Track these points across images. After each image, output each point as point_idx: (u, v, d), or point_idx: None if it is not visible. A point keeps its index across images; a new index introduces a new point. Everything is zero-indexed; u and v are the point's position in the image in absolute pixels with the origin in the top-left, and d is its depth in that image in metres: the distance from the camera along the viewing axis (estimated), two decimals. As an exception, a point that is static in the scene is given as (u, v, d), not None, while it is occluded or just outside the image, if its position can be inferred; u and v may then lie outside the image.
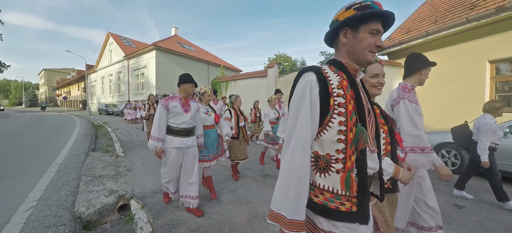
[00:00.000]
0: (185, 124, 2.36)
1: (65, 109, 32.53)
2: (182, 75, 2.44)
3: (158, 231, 2.13)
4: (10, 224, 2.19)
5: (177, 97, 2.40)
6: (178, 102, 2.35)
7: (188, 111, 2.38)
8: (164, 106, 2.28)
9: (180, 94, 2.43)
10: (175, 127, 2.34)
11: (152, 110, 5.92)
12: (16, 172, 3.74)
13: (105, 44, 24.77)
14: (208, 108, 2.93)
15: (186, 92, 2.42)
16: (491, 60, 5.68)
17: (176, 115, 2.33)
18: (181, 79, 2.42)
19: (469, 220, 2.40)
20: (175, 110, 2.31)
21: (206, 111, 2.86)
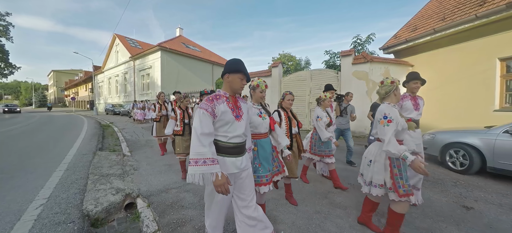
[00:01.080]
0: (239, 138, 1.59)
1: (73, 109, 33.23)
2: (230, 61, 1.61)
3: (164, 229, 2.16)
4: (21, 221, 2.26)
5: (222, 96, 1.58)
6: (225, 104, 1.54)
7: (241, 116, 1.60)
8: (209, 111, 1.46)
9: (225, 92, 1.62)
10: (225, 142, 1.54)
11: (163, 110, 5.32)
12: (27, 170, 3.85)
13: (111, 45, 25.19)
14: (260, 108, 2.12)
15: (233, 88, 1.59)
16: (502, 58, 5.53)
17: (226, 125, 1.53)
18: (228, 66, 1.59)
19: (478, 221, 2.35)
20: (225, 117, 1.51)
21: (260, 113, 2.03)
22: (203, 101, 1.53)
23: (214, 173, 1.37)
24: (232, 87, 1.59)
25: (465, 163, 3.88)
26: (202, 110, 1.46)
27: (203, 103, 1.50)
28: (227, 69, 1.58)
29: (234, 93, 1.64)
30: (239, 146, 1.60)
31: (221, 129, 1.54)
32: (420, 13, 8.81)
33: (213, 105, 1.50)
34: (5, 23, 21.58)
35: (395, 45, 8.10)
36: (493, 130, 3.73)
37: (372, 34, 12.03)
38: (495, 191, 3.16)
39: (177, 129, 3.50)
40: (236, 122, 1.55)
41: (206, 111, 1.46)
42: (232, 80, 1.57)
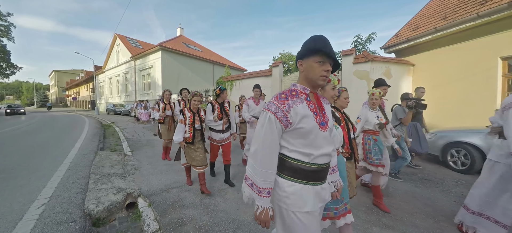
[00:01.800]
0: (326, 157, 1.10)
1: (74, 109, 33.34)
2: (311, 38, 1.09)
3: (165, 228, 2.16)
4: (23, 220, 2.28)
5: (299, 92, 1.10)
6: (305, 104, 1.07)
7: (326, 124, 1.10)
8: (279, 117, 1.03)
9: (304, 87, 1.11)
10: (307, 163, 1.06)
11: (168, 110, 4.73)
12: (29, 170, 3.87)
13: (112, 45, 25.25)
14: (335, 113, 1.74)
15: (311, 79, 1.08)
16: (504, 57, 5.50)
17: (307, 136, 1.04)
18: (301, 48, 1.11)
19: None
20: (306, 124, 1.03)
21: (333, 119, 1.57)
22: (272, 101, 1.06)
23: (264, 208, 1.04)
24: (309, 78, 1.07)
25: (466, 162, 3.87)
26: (269, 114, 1.02)
27: (272, 104, 1.04)
28: (300, 52, 1.09)
29: (315, 89, 1.11)
30: (325, 168, 1.11)
31: (299, 143, 1.04)
32: (421, 12, 8.78)
33: (286, 107, 1.01)
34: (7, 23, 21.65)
35: (396, 44, 8.07)
36: (495, 129, 3.71)
37: (373, 33, 12.00)
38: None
39: (185, 136, 2.95)
40: (320, 132, 1.06)
41: (274, 116, 1.01)
42: (308, 68, 1.06)
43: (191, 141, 2.95)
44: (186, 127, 2.96)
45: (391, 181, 3.51)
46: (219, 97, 3.27)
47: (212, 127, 3.23)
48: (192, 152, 2.98)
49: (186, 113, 2.98)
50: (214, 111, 3.22)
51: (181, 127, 2.95)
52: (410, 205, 2.69)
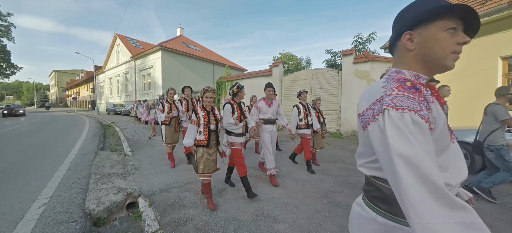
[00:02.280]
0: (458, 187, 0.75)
1: (74, 109, 33.36)
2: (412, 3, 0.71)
3: (165, 228, 2.17)
4: (24, 220, 2.28)
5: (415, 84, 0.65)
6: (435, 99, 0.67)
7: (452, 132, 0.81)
8: (426, 119, 0.58)
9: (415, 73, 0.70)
10: None
11: (173, 110, 4.31)
12: (29, 170, 3.88)
13: (112, 45, 25.27)
14: None
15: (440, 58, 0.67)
16: (504, 57, 5.51)
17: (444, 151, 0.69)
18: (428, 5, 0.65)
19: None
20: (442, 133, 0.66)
21: None
22: (400, 94, 0.61)
23: None
24: (429, 58, 0.68)
25: (466, 162, 3.87)
26: (414, 116, 0.57)
27: (405, 99, 0.60)
28: (410, 17, 0.69)
29: (432, 74, 0.74)
30: None
31: None
32: (421, 12, 8.78)
33: (426, 103, 0.62)
34: (7, 23, 21.67)
35: (396, 44, 8.07)
36: (495, 129, 3.71)
37: (373, 33, 12.03)
38: (496, 190, 3.15)
39: (199, 138, 2.57)
40: (451, 145, 0.75)
41: (421, 119, 0.57)
42: (429, 42, 0.66)
43: (207, 143, 2.56)
44: (200, 128, 2.57)
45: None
46: (236, 96, 2.95)
47: (231, 130, 2.84)
48: (209, 156, 2.59)
49: (199, 112, 2.60)
50: (234, 112, 2.85)
51: (193, 129, 2.56)
52: (410, 205, 2.69)
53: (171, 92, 4.40)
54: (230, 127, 2.80)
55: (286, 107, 9.23)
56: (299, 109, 3.91)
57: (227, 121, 2.78)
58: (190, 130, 2.56)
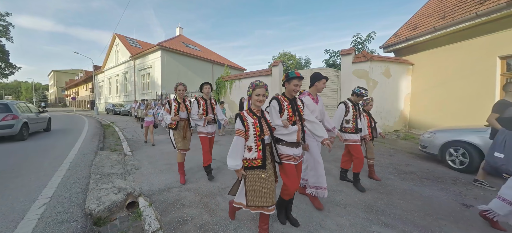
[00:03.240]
0: None
1: (74, 109, 33.28)
2: None
3: (166, 227, 2.18)
4: (25, 220, 2.29)
5: None
6: None
7: None
8: None
9: None
10: None
11: (182, 111, 3.48)
12: (29, 170, 3.88)
13: (111, 45, 25.20)
14: None
15: None
16: (502, 56, 5.54)
17: None
18: None
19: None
20: None
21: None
22: None
23: None
24: None
25: (465, 161, 3.90)
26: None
27: None
28: None
29: None
30: None
31: None
32: (420, 11, 8.80)
33: None
34: (5, 23, 21.58)
35: (396, 44, 8.10)
36: (493, 128, 3.74)
37: (372, 32, 12.04)
38: (495, 189, 3.18)
39: (250, 156, 1.82)
40: None
41: None
42: None
43: (262, 164, 1.81)
44: (251, 143, 1.80)
45: (390, 179, 3.53)
46: (287, 90, 2.12)
47: (281, 138, 2.01)
48: (263, 184, 1.81)
49: (247, 118, 1.84)
50: (283, 111, 2.05)
51: (239, 143, 1.80)
52: (409, 204, 2.71)
53: (181, 88, 3.44)
54: (279, 133, 2.00)
55: (286, 107, 9.25)
56: (347, 107, 3.16)
57: (275, 123, 2.00)
58: (236, 146, 1.79)
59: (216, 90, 12.69)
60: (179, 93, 3.46)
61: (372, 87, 7.37)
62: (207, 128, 3.48)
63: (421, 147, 4.72)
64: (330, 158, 4.77)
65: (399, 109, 7.84)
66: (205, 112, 3.43)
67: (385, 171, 3.96)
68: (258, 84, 1.87)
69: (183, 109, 3.49)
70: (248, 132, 1.81)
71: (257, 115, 1.89)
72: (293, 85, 2.06)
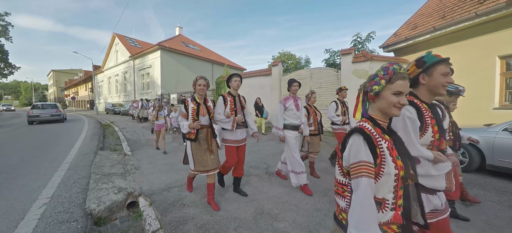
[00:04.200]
0: None
1: (73, 109, 33.25)
2: None
3: (166, 227, 2.18)
4: (25, 220, 2.29)
5: None
6: None
7: None
8: None
9: None
10: None
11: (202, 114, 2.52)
12: (29, 170, 3.88)
13: (111, 44, 25.15)
14: None
15: None
16: (502, 56, 5.54)
17: None
18: None
19: (477, 218, 2.37)
20: None
21: None
22: None
23: None
24: None
25: (464, 160, 3.90)
26: None
27: None
28: None
29: None
30: None
31: None
32: (420, 11, 8.81)
33: None
34: (4, 23, 21.49)
35: (395, 44, 8.10)
36: (493, 128, 3.75)
37: (372, 32, 12.04)
38: (494, 188, 3.19)
39: None
40: None
41: None
42: None
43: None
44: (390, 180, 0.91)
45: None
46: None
47: None
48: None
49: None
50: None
51: None
52: (408, 203, 2.71)
53: (201, 82, 2.47)
54: None
55: (286, 107, 9.26)
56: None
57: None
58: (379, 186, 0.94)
59: (216, 90, 12.68)
60: (200, 90, 2.48)
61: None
62: (236, 134, 2.71)
63: (421, 146, 4.73)
64: (330, 157, 4.77)
65: (399, 109, 7.85)
66: (233, 112, 2.69)
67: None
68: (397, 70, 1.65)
69: (204, 113, 2.49)
70: None
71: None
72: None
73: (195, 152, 2.51)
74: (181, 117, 2.53)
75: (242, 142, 2.82)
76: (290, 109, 3.09)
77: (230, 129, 2.64)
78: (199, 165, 2.48)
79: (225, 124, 2.64)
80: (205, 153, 2.49)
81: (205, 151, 2.50)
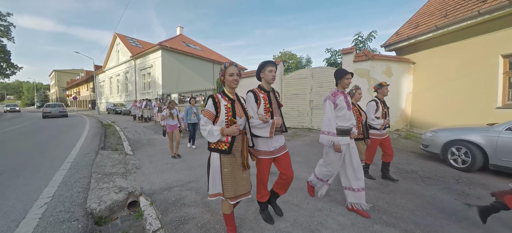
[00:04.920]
0: None
1: (75, 109, 33.38)
2: None
3: (167, 227, 2.18)
4: (26, 219, 2.29)
5: None
6: None
7: None
8: None
9: None
10: None
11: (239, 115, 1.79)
12: (31, 169, 3.89)
13: (112, 44, 25.23)
14: None
15: None
16: (504, 55, 5.49)
17: None
18: None
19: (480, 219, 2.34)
20: None
21: None
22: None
23: None
24: None
25: (467, 160, 3.87)
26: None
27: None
28: None
29: None
30: None
31: None
32: (422, 10, 8.75)
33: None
34: (6, 23, 21.61)
35: (397, 43, 8.06)
36: (496, 127, 3.71)
37: (373, 31, 11.99)
38: (497, 188, 3.15)
39: None
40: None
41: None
42: None
43: None
44: None
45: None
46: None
47: None
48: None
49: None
50: None
51: None
52: (411, 203, 2.69)
53: (233, 71, 1.81)
54: None
55: (287, 107, 9.24)
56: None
57: None
58: None
59: (217, 90, 12.65)
60: (231, 82, 1.79)
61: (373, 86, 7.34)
62: (270, 142, 2.04)
63: (423, 146, 4.70)
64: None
65: (401, 108, 7.80)
66: (269, 113, 2.02)
67: (387, 170, 3.93)
68: None
69: (240, 113, 1.82)
70: None
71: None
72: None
73: (228, 170, 1.74)
74: (205, 119, 1.75)
75: (281, 151, 2.12)
76: (341, 107, 2.39)
77: (266, 136, 1.98)
78: (231, 189, 1.74)
79: (260, 129, 1.99)
80: (238, 171, 1.80)
81: (239, 168, 1.80)
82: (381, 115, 3.28)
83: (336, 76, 2.50)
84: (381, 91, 3.38)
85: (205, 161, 4.63)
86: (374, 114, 3.27)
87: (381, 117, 3.28)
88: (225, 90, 1.86)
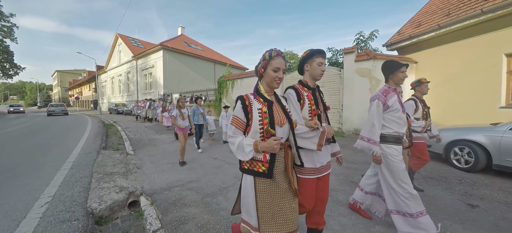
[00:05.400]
0: None
1: (77, 109, 33.57)
2: None
3: (167, 227, 2.17)
4: (27, 218, 2.29)
5: None
6: None
7: None
8: None
9: None
10: None
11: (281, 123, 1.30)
12: (32, 169, 3.91)
13: (114, 45, 25.36)
14: None
15: None
16: (508, 54, 5.43)
17: None
18: None
19: (484, 220, 2.31)
20: None
21: None
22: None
23: None
24: None
25: (470, 160, 3.83)
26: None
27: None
28: None
29: None
30: None
31: None
32: (424, 8, 8.69)
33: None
34: (9, 24, 21.79)
35: (399, 42, 8.00)
36: (499, 127, 3.67)
37: (375, 30, 11.90)
38: (501, 188, 3.12)
39: None
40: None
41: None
42: None
43: None
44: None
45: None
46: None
47: None
48: None
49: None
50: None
51: None
52: (413, 203, 2.66)
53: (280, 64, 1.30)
54: None
55: (288, 106, 9.21)
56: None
57: None
58: None
59: (218, 89, 12.68)
60: (272, 80, 1.33)
61: (374, 85, 7.29)
62: (319, 157, 1.56)
63: (425, 146, 4.66)
64: (332, 157, 4.73)
65: (403, 108, 7.75)
66: (315, 116, 1.57)
67: (389, 171, 3.91)
68: None
69: (281, 120, 1.32)
70: None
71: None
72: None
73: (266, 200, 1.27)
74: (233, 129, 1.32)
75: (326, 170, 1.61)
76: (394, 109, 1.91)
77: (313, 148, 1.46)
78: (270, 224, 1.26)
79: (304, 140, 1.47)
80: (283, 199, 1.30)
81: (284, 195, 1.30)
82: (421, 115, 2.84)
83: (387, 69, 1.97)
84: (420, 89, 2.90)
85: (206, 161, 4.64)
86: (413, 115, 2.83)
87: (421, 118, 2.85)
88: (261, 88, 1.35)
